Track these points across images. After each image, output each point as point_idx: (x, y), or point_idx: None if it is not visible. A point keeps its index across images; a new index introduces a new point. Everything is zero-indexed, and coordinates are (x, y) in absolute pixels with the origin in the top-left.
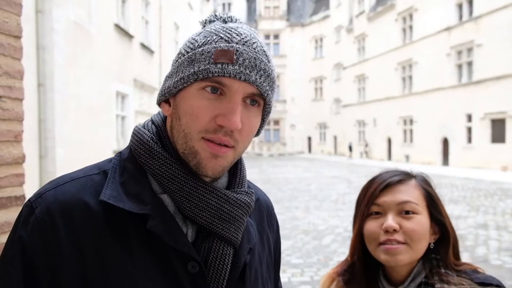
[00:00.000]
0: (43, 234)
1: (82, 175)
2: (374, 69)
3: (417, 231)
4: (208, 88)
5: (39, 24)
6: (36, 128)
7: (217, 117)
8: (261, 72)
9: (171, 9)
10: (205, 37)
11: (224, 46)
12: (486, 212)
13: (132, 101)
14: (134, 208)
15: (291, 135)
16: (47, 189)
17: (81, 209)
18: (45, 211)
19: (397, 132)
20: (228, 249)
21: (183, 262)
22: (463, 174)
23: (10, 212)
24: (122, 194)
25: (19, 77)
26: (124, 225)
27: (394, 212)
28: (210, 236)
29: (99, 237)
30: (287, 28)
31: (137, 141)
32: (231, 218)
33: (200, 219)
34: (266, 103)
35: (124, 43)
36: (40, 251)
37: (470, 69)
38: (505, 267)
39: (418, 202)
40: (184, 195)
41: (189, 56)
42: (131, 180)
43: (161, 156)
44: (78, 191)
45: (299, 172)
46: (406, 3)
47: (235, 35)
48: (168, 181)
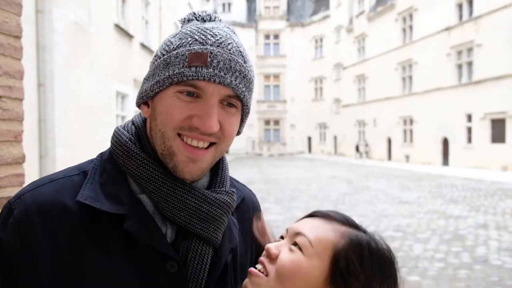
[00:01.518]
0: (20, 234)
1: (62, 176)
2: (374, 69)
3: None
4: (184, 92)
5: (39, 24)
6: (36, 128)
7: (193, 118)
8: (237, 73)
9: (171, 9)
10: (180, 39)
11: (198, 49)
12: (486, 212)
13: (132, 101)
14: (111, 209)
15: (291, 135)
16: (26, 190)
17: (59, 210)
18: (23, 212)
19: (397, 132)
20: (207, 248)
21: (161, 261)
22: (463, 174)
23: None
24: (100, 194)
25: (19, 77)
26: (101, 226)
27: (288, 240)
28: (189, 236)
29: (76, 238)
30: (287, 28)
31: (116, 142)
32: (210, 218)
33: (179, 219)
34: (243, 104)
35: (124, 43)
36: (17, 251)
37: (470, 69)
38: (505, 267)
39: (316, 244)
40: (162, 195)
41: (164, 59)
42: (110, 181)
43: (138, 157)
44: (56, 192)
45: (299, 172)
46: (406, 3)
47: (209, 36)
48: (146, 182)
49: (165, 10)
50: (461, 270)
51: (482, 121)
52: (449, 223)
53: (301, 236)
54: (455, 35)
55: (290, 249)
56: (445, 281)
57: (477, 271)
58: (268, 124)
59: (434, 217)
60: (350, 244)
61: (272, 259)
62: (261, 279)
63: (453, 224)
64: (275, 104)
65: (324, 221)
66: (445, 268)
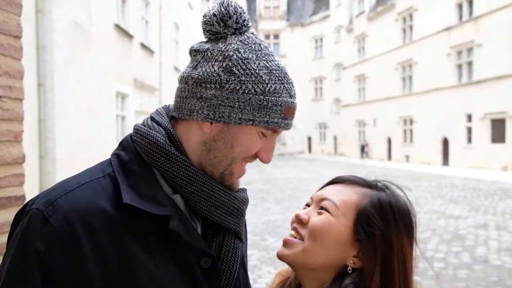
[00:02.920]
0: (64, 244)
1: (88, 179)
2: (374, 69)
3: (316, 227)
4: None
5: (39, 24)
6: (36, 128)
7: (259, 151)
8: None
9: (171, 9)
10: (272, 81)
11: (290, 103)
12: (486, 212)
13: (132, 101)
14: (155, 210)
15: (291, 135)
16: (57, 196)
17: (99, 214)
18: (63, 220)
19: (397, 132)
20: (238, 242)
21: (197, 258)
22: (463, 174)
23: (10, 212)
24: (137, 196)
25: (19, 77)
26: (144, 227)
27: (315, 206)
28: (219, 232)
29: (120, 241)
30: (287, 28)
31: (149, 144)
32: (240, 213)
33: (215, 216)
34: None
35: (124, 43)
36: (61, 262)
37: (470, 69)
38: (505, 267)
39: (341, 205)
40: (202, 195)
41: (260, 100)
42: (141, 183)
43: (180, 159)
44: (92, 197)
45: (299, 172)
46: (406, 3)
47: (291, 86)
48: (186, 183)
49: (165, 10)
50: (461, 270)
51: (482, 121)
52: (449, 223)
53: (326, 200)
54: (455, 35)
55: (319, 213)
56: (445, 281)
57: (477, 271)
58: None
59: (434, 217)
60: (371, 203)
61: (303, 224)
62: (297, 243)
63: (453, 224)
64: None
65: (345, 185)
66: (445, 268)
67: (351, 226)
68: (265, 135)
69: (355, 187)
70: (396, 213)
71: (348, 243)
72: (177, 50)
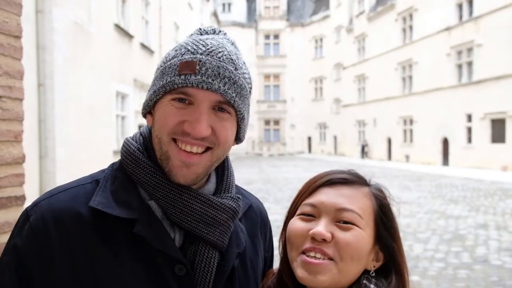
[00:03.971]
0: (37, 240)
1: (76, 185)
2: (374, 69)
3: (352, 246)
4: (176, 99)
5: (39, 24)
6: (36, 128)
7: (184, 123)
8: (225, 79)
9: (171, 9)
10: (175, 51)
11: (188, 58)
12: (486, 212)
13: (132, 101)
14: (121, 213)
15: (291, 135)
16: (42, 198)
17: (73, 216)
18: (40, 219)
19: (397, 132)
20: (213, 252)
21: (170, 265)
22: (463, 174)
23: (10, 212)
24: (112, 201)
25: (19, 77)
26: (113, 231)
27: (330, 218)
28: (196, 241)
29: (89, 242)
30: (287, 28)
31: (125, 152)
32: (216, 222)
33: (186, 224)
34: (236, 109)
35: (124, 43)
36: (34, 258)
37: (470, 69)
38: (505, 267)
39: (363, 214)
40: (169, 201)
41: (160, 70)
42: (121, 188)
43: (146, 166)
44: (70, 200)
45: (299, 172)
46: (406, 3)
47: (201, 46)
48: (153, 189)
49: (165, 10)
50: (461, 270)
51: (482, 121)
52: (449, 223)
53: (348, 212)
54: (455, 35)
55: (343, 228)
56: (445, 281)
57: (477, 271)
58: (268, 124)
59: (434, 217)
60: (377, 202)
61: (326, 242)
62: (329, 265)
63: (453, 224)
64: (275, 104)
65: (349, 188)
66: (445, 268)
67: (373, 231)
68: (177, 100)
69: (360, 188)
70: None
71: (371, 249)
72: None
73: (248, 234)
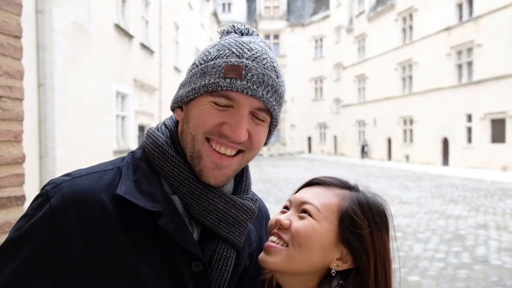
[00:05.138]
0: (56, 223)
1: (97, 170)
2: (374, 69)
3: (300, 232)
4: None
5: (39, 24)
6: (36, 128)
7: (223, 125)
8: (269, 88)
9: (171, 9)
10: (218, 50)
11: (234, 61)
12: (486, 212)
13: (132, 101)
14: (147, 205)
15: (291, 135)
16: (63, 180)
17: (94, 201)
18: (61, 200)
19: (397, 132)
20: (232, 252)
21: (187, 260)
22: (463, 174)
23: (10, 212)
24: (135, 191)
25: (19, 77)
26: (135, 221)
27: (295, 210)
28: (215, 238)
29: (109, 230)
30: (287, 28)
31: (152, 143)
32: (237, 222)
33: (208, 221)
34: (273, 117)
35: (124, 43)
36: (53, 239)
37: (470, 69)
38: (505, 267)
39: (322, 209)
40: (194, 198)
41: (201, 68)
42: (144, 179)
43: (175, 160)
44: (92, 184)
45: (299, 172)
46: (406, 3)
47: (246, 50)
48: (179, 184)
49: (165, 10)
50: (461, 270)
51: (482, 121)
52: (449, 223)
53: (308, 204)
54: (455, 35)
55: (300, 217)
56: (445, 281)
57: (477, 271)
58: None
59: (434, 217)
60: (351, 204)
61: (285, 229)
62: (281, 249)
63: (453, 224)
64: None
65: (324, 188)
66: (445, 268)
67: (334, 229)
68: (219, 104)
69: (334, 189)
70: (374, 211)
71: (332, 246)
72: (177, 50)
73: (257, 234)
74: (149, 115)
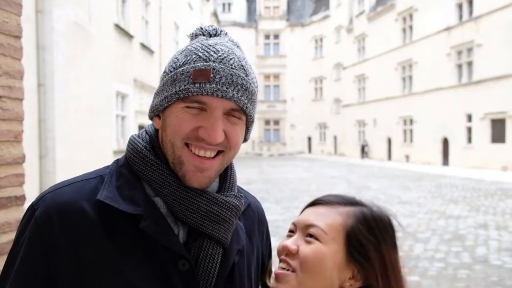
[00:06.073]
0: (41, 233)
1: (80, 179)
2: (374, 69)
3: (309, 259)
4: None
5: (39, 24)
6: (36, 128)
7: (199, 129)
8: (238, 87)
9: (171, 9)
10: (185, 56)
11: (202, 66)
12: (486, 212)
13: (132, 101)
14: (127, 209)
15: (291, 135)
16: (47, 192)
17: (76, 210)
18: (44, 211)
19: (397, 132)
20: (218, 248)
21: (174, 260)
22: (463, 174)
23: (10, 212)
24: (117, 196)
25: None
26: (117, 225)
27: (301, 234)
28: (200, 237)
29: (93, 236)
30: (287, 28)
31: (132, 149)
32: (220, 219)
33: (191, 220)
34: (247, 115)
35: (124, 43)
36: (39, 249)
37: (470, 69)
38: (505, 267)
39: (328, 230)
40: (176, 198)
41: (171, 76)
42: (126, 185)
43: (154, 163)
44: (74, 194)
45: (299, 172)
46: (406, 3)
47: (212, 53)
48: (160, 186)
49: (165, 10)
50: (461, 270)
51: (482, 121)
52: (449, 223)
53: (313, 227)
54: (455, 35)
55: (307, 241)
56: (445, 281)
57: (477, 271)
58: (268, 124)
59: (434, 217)
60: (356, 221)
61: (292, 255)
62: (290, 276)
63: (453, 224)
64: (275, 104)
65: (327, 207)
66: (445, 268)
67: (343, 249)
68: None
69: (337, 208)
70: (380, 225)
71: (342, 267)
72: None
73: (246, 232)
74: None
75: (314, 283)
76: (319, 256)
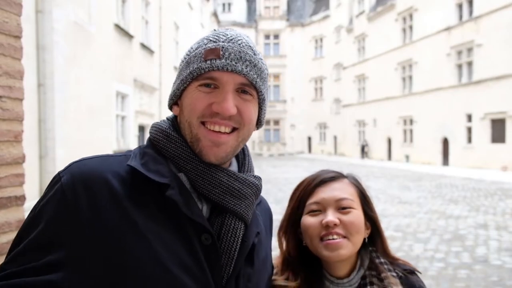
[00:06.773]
0: (65, 197)
1: (106, 155)
2: (374, 69)
3: (355, 224)
4: (203, 84)
5: (39, 24)
6: (36, 128)
7: (212, 105)
8: (247, 62)
9: (171, 9)
10: (197, 43)
11: (212, 46)
12: (486, 212)
13: (132, 101)
14: (154, 177)
15: (291, 135)
16: (74, 162)
17: (101, 179)
18: (70, 179)
19: (397, 132)
20: (239, 224)
21: (197, 233)
22: (463, 174)
23: (10, 212)
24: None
25: (19, 77)
26: (142, 194)
27: (333, 208)
28: (223, 213)
29: (118, 203)
30: (287, 28)
31: (156, 130)
32: (241, 195)
33: (213, 195)
34: (258, 91)
35: (124, 43)
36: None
37: (470, 69)
38: (505, 267)
39: (353, 198)
40: (199, 173)
41: (186, 61)
42: (151, 161)
43: (178, 140)
44: (100, 165)
45: (299, 172)
46: (406, 3)
47: (221, 35)
48: (184, 162)
49: (165, 10)
50: (461, 270)
51: (482, 121)
52: (449, 223)
53: (344, 200)
54: (455, 35)
55: (345, 212)
56: (445, 281)
57: (477, 271)
58: (268, 124)
59: (434, 217)
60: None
61: (337, 226)
62: (344, 241)
63: (453, 224)
64: (275, 104)
65: (337, 183)
66: (445, 268)
67: (361, 209)
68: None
69: (343, 180)
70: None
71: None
72: (177, 50)
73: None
74: (149, 115)
75: (359, 240)
76: (360, 219)
